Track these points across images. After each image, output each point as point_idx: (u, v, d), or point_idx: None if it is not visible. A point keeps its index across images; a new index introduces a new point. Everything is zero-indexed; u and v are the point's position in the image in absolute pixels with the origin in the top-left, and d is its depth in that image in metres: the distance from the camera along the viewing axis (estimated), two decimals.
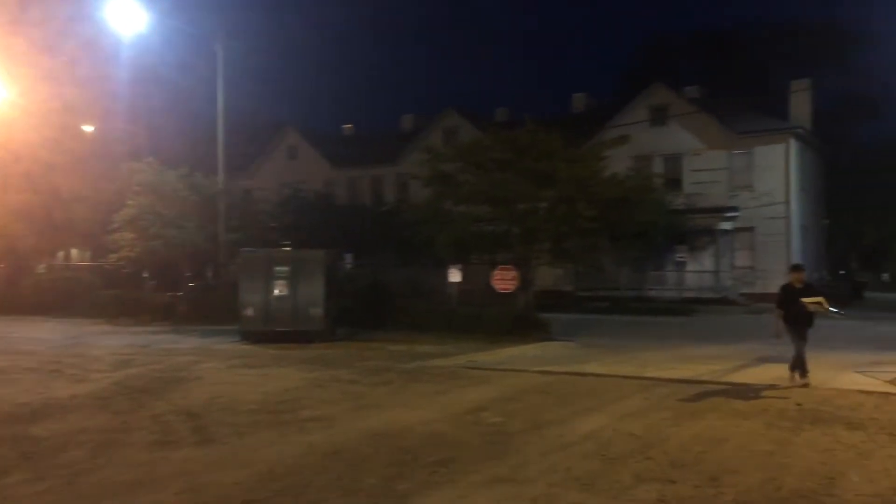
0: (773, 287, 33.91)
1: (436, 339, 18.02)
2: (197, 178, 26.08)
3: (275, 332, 17.37)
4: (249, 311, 17.75)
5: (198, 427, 8.35)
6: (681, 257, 33.97)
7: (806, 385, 10.94)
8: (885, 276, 58.26)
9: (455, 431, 8.17)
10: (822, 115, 38.61)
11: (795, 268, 12.17)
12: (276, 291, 17.70)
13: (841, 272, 42.53)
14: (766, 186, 33.52)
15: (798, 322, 11.30)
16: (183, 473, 6.48)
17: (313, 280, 17.78)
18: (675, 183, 34.68)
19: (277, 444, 7.54)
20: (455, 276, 21.74)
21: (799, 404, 9.61)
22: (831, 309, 11.82)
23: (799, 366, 11.33)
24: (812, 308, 11.17)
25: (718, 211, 33.64)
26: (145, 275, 29.15)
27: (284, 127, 47.72)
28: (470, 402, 9.91)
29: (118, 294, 25.91)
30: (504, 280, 19.93)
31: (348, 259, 32.89)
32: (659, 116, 35.42)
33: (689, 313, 28.31)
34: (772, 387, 11.07)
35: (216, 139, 26.26)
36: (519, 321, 19.35)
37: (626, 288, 33.46)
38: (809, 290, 11.75)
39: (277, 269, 17.82)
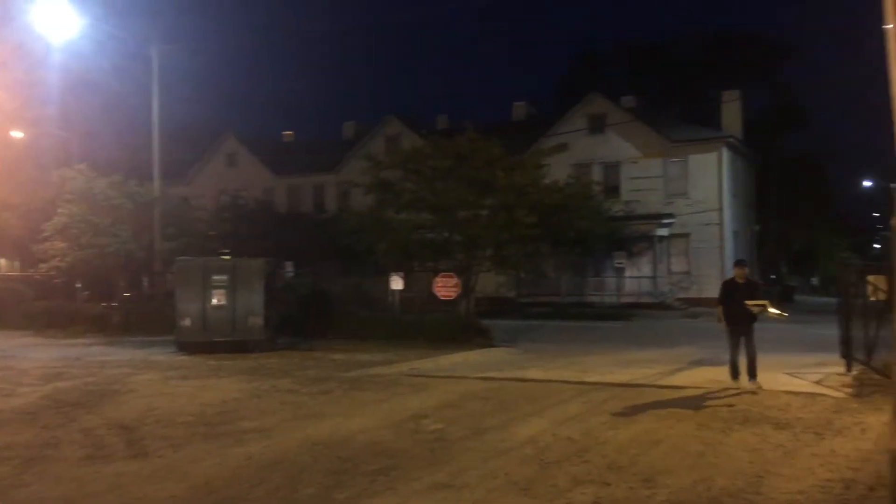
0: (709, 292, 34.88)
1: (378, 347, 17.96)
2: (131, 186, 25.47)
3: (213, 342, 17.04)
4: (186, 321, 17.39)
5: (131, 441, 8.16)
6: (619, 263, 34.64)
7: (736, 388, 11.01)
8: (814, 281, 60.39)
9: (395, 439, 8.18)
10: (753, 125, 39.91)
11: (738, 263, 12.01)
12: (214, 301, 17.39)
13: (771, 276, 43.91)
14: (700, 194, 34.47)
15: (738, 322, 11.13)
16: (115, 488, 6.32)
17: (252, 289, 17.53)
18: (613, 190, 35.42)
19: (214, 457, 7.42)
20: (397, 283, 21.71)
21: (730, 405, 9.91)
22: (775, 311, 11.78)
23: (731, 369, 11.35)
24: (756, 311, 10.98)
25: (655, 217, 34.44)
26: (78, 285, 28.25)
27: (223, 133, 46.95)
28: (411, 410, 9.92)
29: (49, 305, 25.07)
30: (446, 287, 20.00)
31: (289, 267, 32.53)
32: (597, 125, 36.13)
33: (628, 318, 28.90)
34: (727, 391, 11.35)
35: (152, 145, 25.71)
36: (461, 328, 19.47)
37: (567, 294, 33.97)
38: (752, 287, 11.55)
39: (215, 277, 17.51)
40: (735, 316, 11.18)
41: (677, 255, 34.98)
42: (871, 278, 12.59)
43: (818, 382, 11.79)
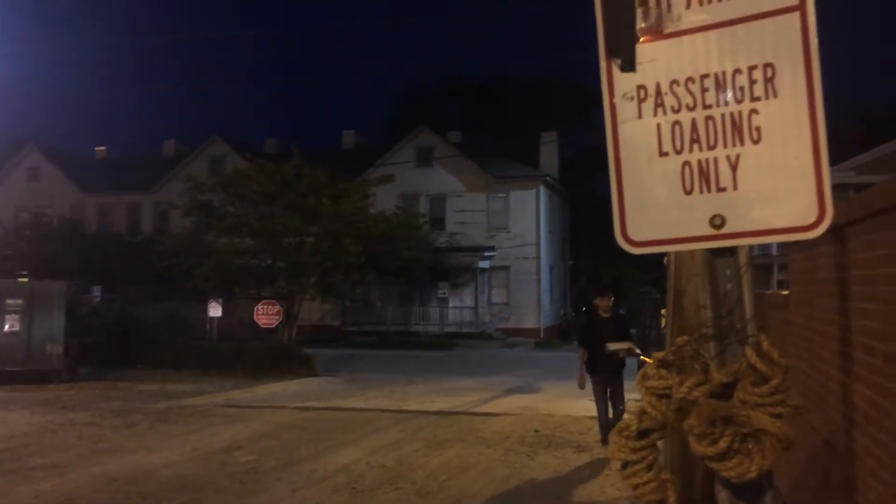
0: (527, 322, 36.34)
1: (192, 376, 17.26)
2: None
3: (3, 371, 15.58)
4: None
5: None
6: (443, 293, 35.48)
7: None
8: (622, 312, 64.85)
9: (203, 472, 7.87)
10: (568, 164, 42.57)
11: (602, 293, 9.55)
12: (7, 327, 15.95)
13: (583, 308, 46.75)
14: (520, 228, 36.14)
15: (603, 369, 8.84)
16: None
17: (52, 314, 16.25)
18: (439, 222, 36.30)
19: None
20: (215, 310, 20.96)
21: (537, 431, 10.44)
22: (645, 358, 10.16)
23: (601, 430, 9.14)
24: (622, 355, 8.44)
25: (478, 250, 35.64)
26: None
27: (25, 146, 43.17)
28: (222, 442, 9.59)
29: None
30: (267, 315, 19.58)
31: (96, 291, 30.44)
32: (424, 158, 37.02)
33: (450, 347, 29.64)
34: (535, 417, 11.85)
35: None
36: (282, 357, 19.10)
37: (392, 323, 34.25)
38: (619, 322, 9.32)
39: (9, 301, 16.07)
40: (599, 361, 8.78)
41: (498, 286, 36.37)
42: (664, 311, 13.80)
43: None
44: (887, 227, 2.86)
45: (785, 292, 5.70)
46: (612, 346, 8.15)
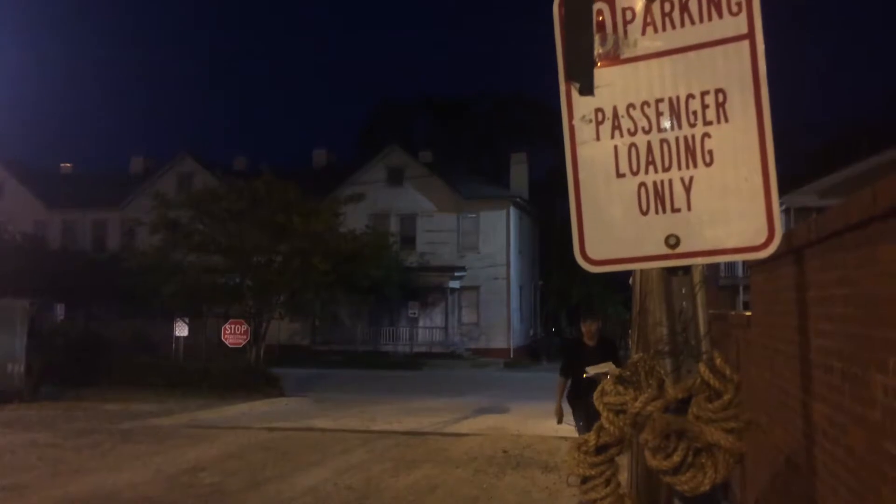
0: (496, 342, 36.39)
1: (157, 396, 16.99)
2: None
3: None
4: None
5: None
6: (413, 313, 35.39)
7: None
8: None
9: (167, 494, 7.75)
10: (538, 183, 42.87)
11: (587, 317, 8.25)
12: None
13: (552, 328, 46.93)
14: (490, 249, 36.28)
15: (585, 400, 6.86)
16: None
17: (13, 332, 15.91)
18: (409, 241, 36.29)
19: None
20: (182, 329, 20.69)
21: (505, 451, 10.44)
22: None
23: None
24: (601, 380, 4.60)
25: (448, 270, 35.68)
26: None
27: None
28: (187, 462, 9.45)
29: None
30: (235, 334, 19.38)
31: (60, 309, 29.88)
32: (395, 177, 37.09)
33: (420, 367, 29.56)
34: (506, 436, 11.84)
35: None
36: (249, 376, 18.92)
37: (361, 343, 34.10)
38: (605, 347, 7.99)
39: None
40: (582, 392, 7.61)
41: (468, 306, 36.39)
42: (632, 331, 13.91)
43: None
44: (842, 249, 2.94)
45: (748, 313, 5.80)
46: (592, 370, 6.96)
